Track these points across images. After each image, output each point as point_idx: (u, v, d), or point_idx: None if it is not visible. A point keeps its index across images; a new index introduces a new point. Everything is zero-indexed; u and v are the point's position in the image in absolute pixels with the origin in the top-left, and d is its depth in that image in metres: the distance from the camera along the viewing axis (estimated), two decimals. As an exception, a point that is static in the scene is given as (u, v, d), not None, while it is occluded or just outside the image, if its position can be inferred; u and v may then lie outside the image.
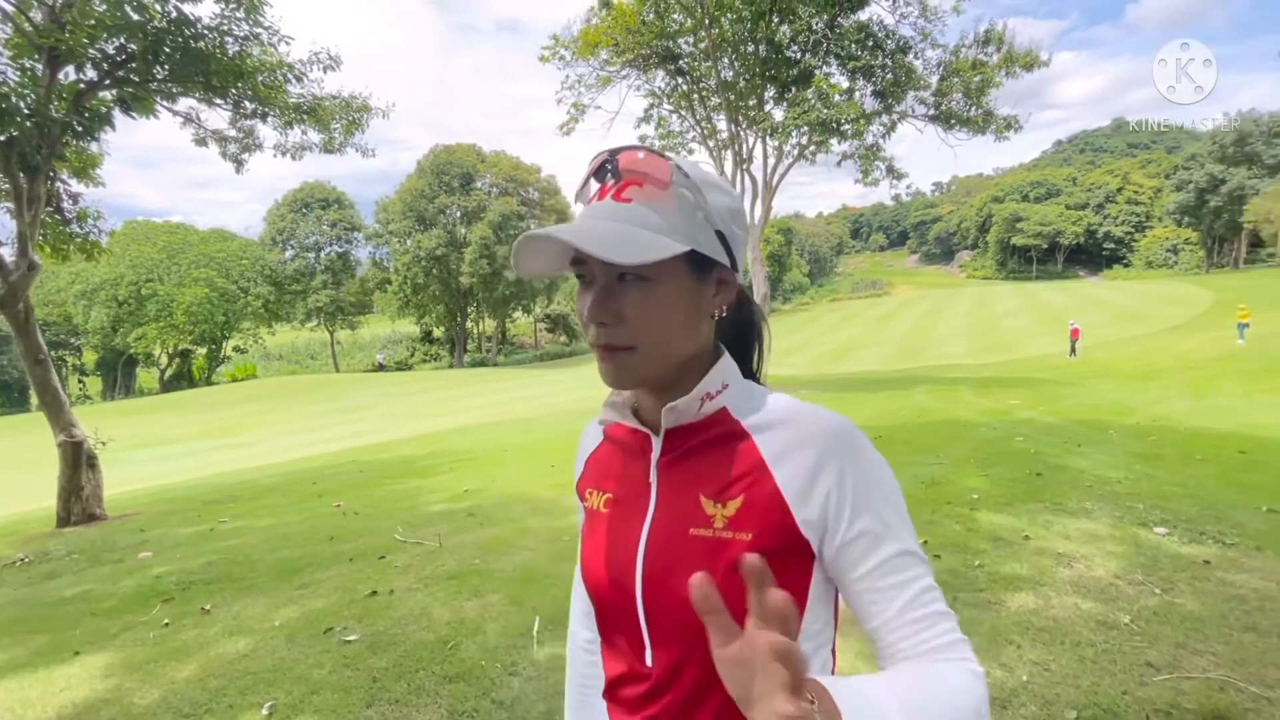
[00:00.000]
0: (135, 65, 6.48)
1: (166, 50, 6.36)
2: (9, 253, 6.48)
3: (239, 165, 8.70)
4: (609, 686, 0.75)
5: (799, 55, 15.60)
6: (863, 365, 26.68)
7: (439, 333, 49.10)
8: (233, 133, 8.38)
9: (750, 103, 16.92)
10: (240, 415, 22.85)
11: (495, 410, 17.13)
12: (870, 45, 15.47)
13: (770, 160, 17.79)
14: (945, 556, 3.69)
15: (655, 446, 0.72)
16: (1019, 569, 3.48)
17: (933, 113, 16.55)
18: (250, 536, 5.33)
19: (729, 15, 15.32)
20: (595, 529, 0.76)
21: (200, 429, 20.47)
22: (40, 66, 6.24)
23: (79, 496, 6.54)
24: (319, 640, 3.14)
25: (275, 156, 8.65)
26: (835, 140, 16.34)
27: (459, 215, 43.99)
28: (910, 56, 15.88)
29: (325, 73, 7.77)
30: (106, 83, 6.73)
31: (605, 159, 0.67)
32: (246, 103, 7.61)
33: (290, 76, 7.55)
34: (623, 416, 0.75)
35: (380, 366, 45.01)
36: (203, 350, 43.73)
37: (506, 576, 3.85)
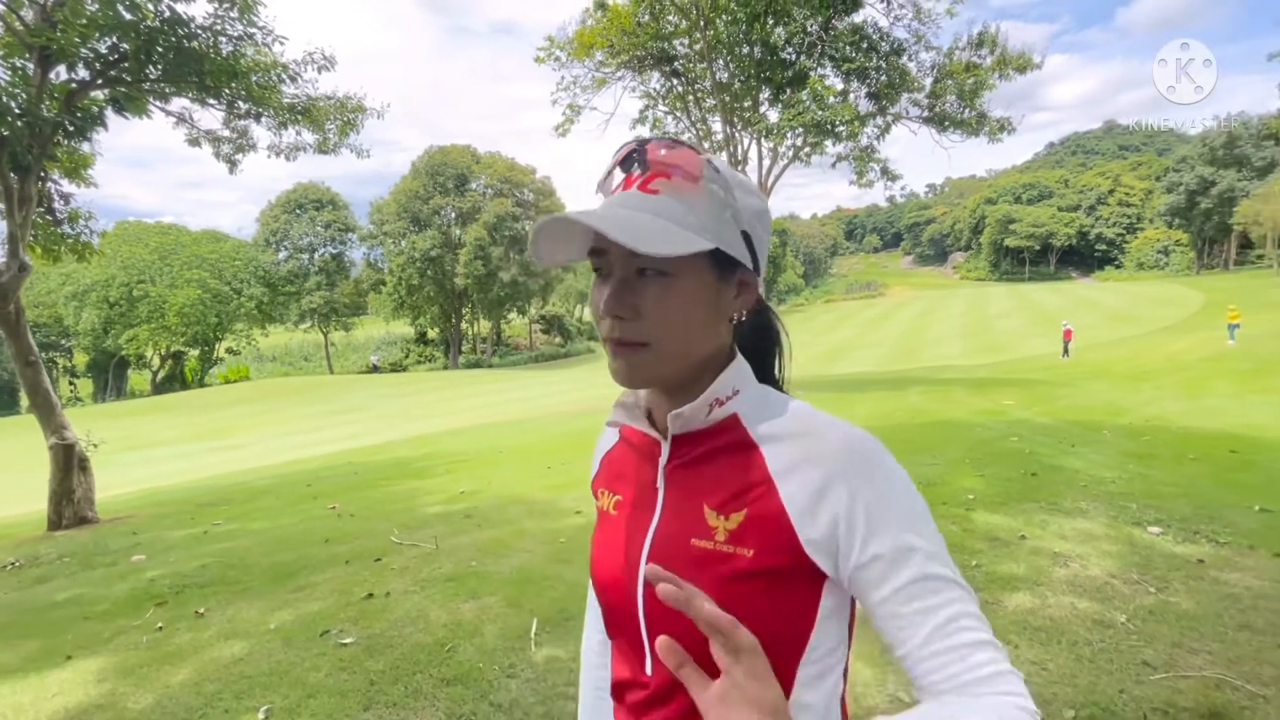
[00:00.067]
0: (128, 65, 6.44)
1: (159, 50, 6.32)
2: (-1, 254, 6.44)
3: (232, 166, 8.67)
4: (615, 688, 0.74)
5: (794, 57, 15.66)
6: (857, 366, 26.74)
7: (433, 334, 48.97)
8: (226, 133, 8.35)
9: (745, 104, 16.96)
10: (233, 417, 22.71)
11: (491, 412, 17.08)
12: (864, 47, 15.55)
13: (765, 162, 17.84)
14: (942, 557, 3.70)
15: (663, 451, 0.70)
16: (1015, 569, 3.49)
17: (926, 115, 16.63)
18: (244, 539, 5.29)
19: (724, 17, 15.35)
20: (604, 530, 0.75)
21: (193, 431, 20.33)
22: (32, 66, 6.20)
23: (70, 499, 6.48)
24: (315, 643, 3.12)
25: (269, 157, 8.64)
26: (830, 142, 16.43)
27: (454, 216, 43.93)
28: (904, 59, 15.97)
29: (319, 73, 7.74)
30: (99, 82, 6.68)
31: (633, 148, 0.65)
32: (240, 103, 7.58)
33: (284, 77, 7.52)
34: (632, 418, 0.72)
35: (374, 368, 44.84)
36: (195, 352, 43.43)
37: (504, 578, 3.83)
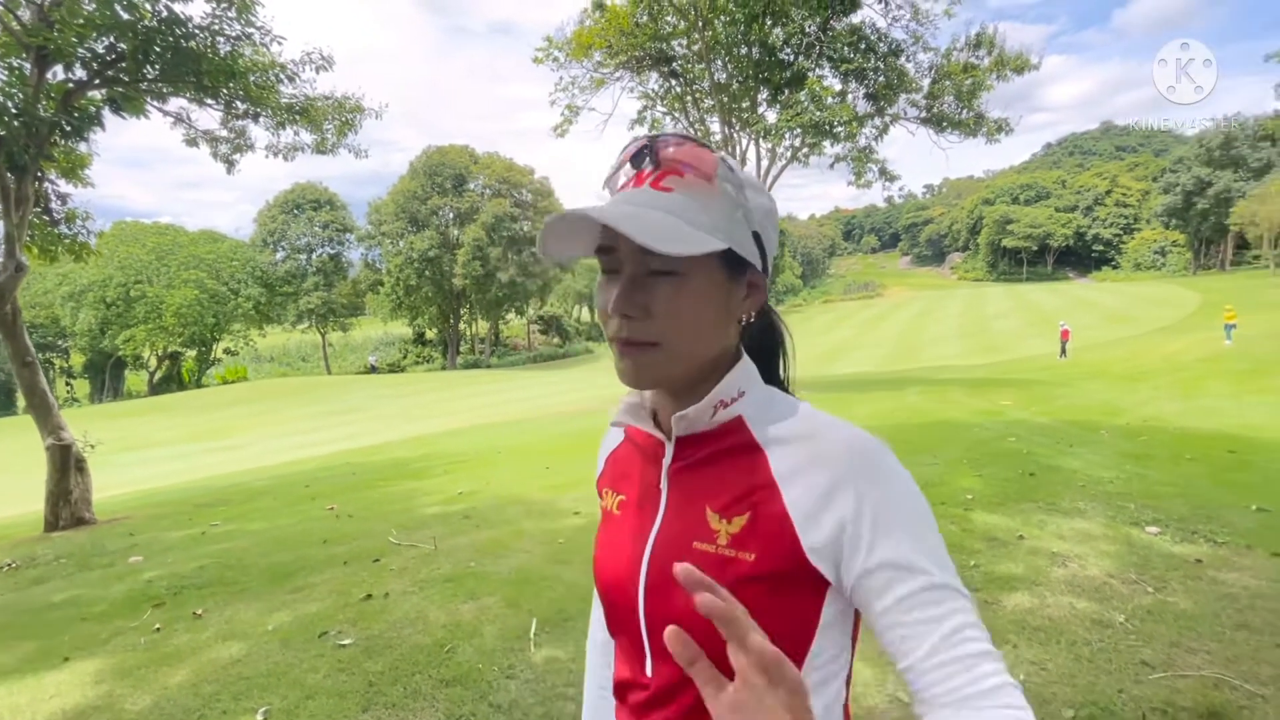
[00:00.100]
0: (125, 65, 6.42)
1: (157, 50, 6.31)
2: (-4, 254, 6.41)
3: (230, 166, 8.65)
4: (617, 688, 0.74)
5: (792, 58, 15.66)
6: (855, 367, 26.77)
7: (431, 334, 48.91)
8: (224, 133, 8.33)
9: (743, 105, 16.97)
10: (231, 418, 22.65)
11: (489, 412, 17.06)
12: (862, 48, 15.56)
13: (763, 162, 17.84)
14: (941, 557, 3.71)
15: (667, 452, 0.69)
16: (1014, 569, 3.50)
17: (924, 115, 16.66)
18: (242, 540, 5.28)
19: (722, 18, 15.36)
20: (607, 530, 0.75)
21: (190, 432, 20.28)
22: (28, 65, 6.18)
23: (67, 500, 6.46)
24: (313, 644, 3.12)
25: (267, 157, 8.62)
26: (828, 142, 16.46)
27: (452, 216, 43.87)
28: (902, 59, 15.99)
29: (318, 73, 7.74)
30: (96, 82, 6.67)
31: (644, 144, 0.64)
32: (238, 103, 7.56)
33: (282, 77, 7.51)
34: (637, 419, 0.71)
35: (372, 368, 44.77)
36: (192, 352, 43.31)
37: (503, 579, 3.83)
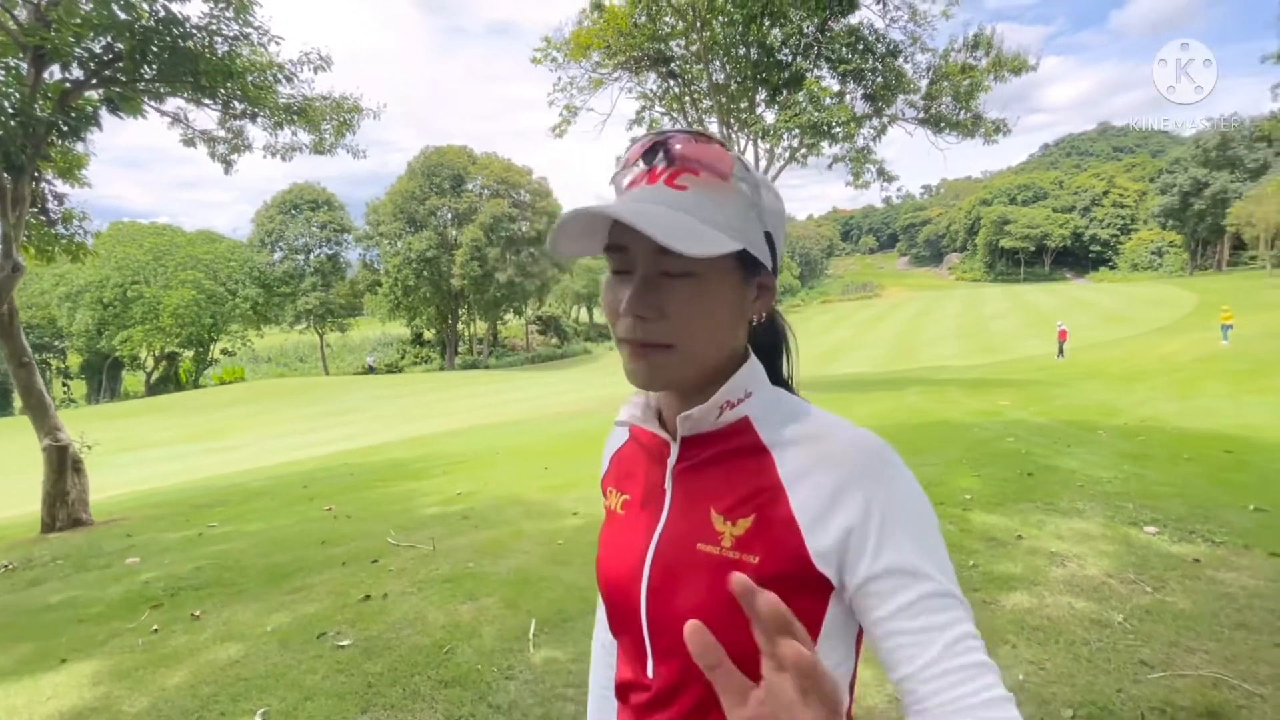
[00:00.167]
0: (122, 64, 6.40)
1: (154, 49, 6.29)
2: (-7, 255, 6.38)
3: (228, 166, 8.63)
4: (618, 689, 0.74)
5: (790, 58, 15.68)
6: (854, 367, 26.79)
7: (429, 335, 48.87)
8: (222, 133, 8.31)
9: (742, 105, 16.98)
10: (228, 418, 22.60)
11: (487, 413, 17.04)
12: (861, 49, 15.59)
13: (762, 163, 17.83)
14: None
15: (672, 452, 0.69)
16: (1013, 569, 3.50)
17: (922, 116, 16.68)
18: (240, 541, 5.26)
19: (720, 18, 15.37)
20: (611, 530, 0.75)
21: (187, 432, 20.22)
22: (25, 65, 6.16)
23: (64, 501, 6.44)
24: (312, 645, 3.11)
25: (265, 157, 8.59)
26: (826, 143, 16.47)
27: (450, 217, 43.84)
28: (900, 60, 16.01)
29: (315, 73, 7.73)
30: (93, 82, 6.64)
31: (657, 140, 0.62)
32: (236, 103, 7.55)
33: (280, 77, 7.49)
34: (642, 419, 0.71)
35: (370, 369, 44.72)
36: (190, 353, 43.24)
37: (501, 579, 3.82)
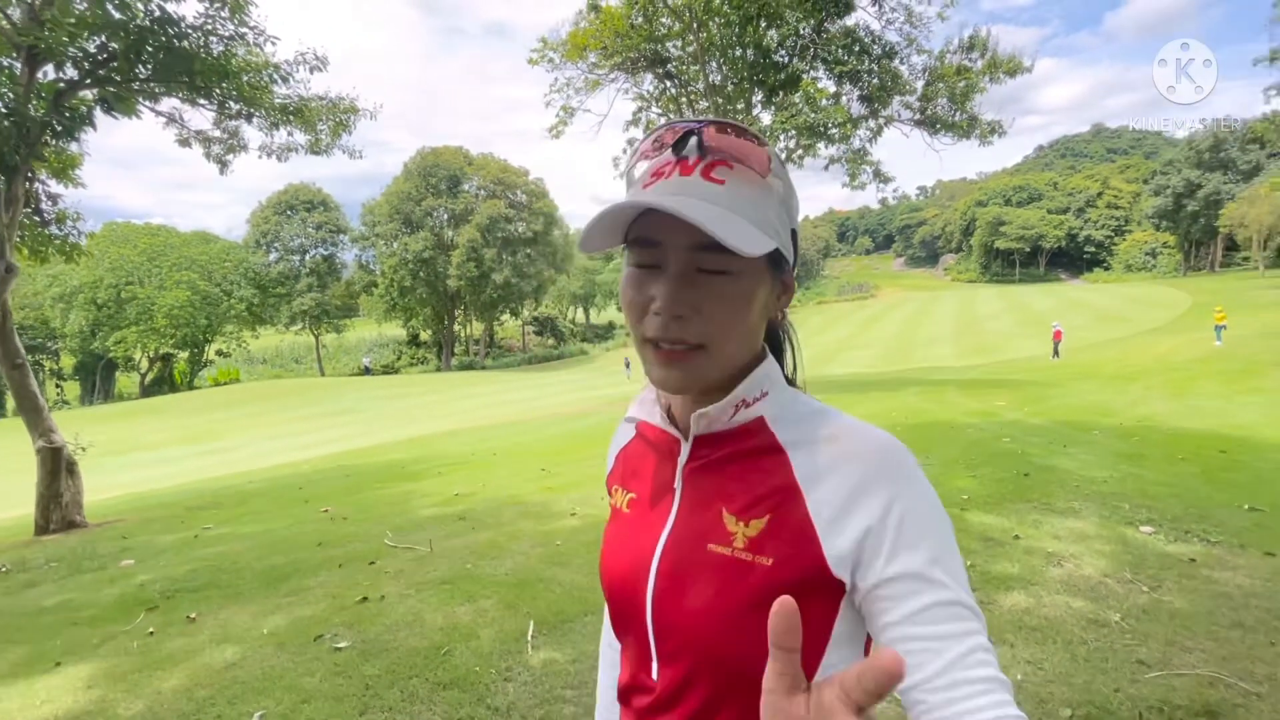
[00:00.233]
0: (117, 64, 6.38)
1: (149, 49, 6.27)
2: (-14, 255, 6.34)
3: (223, 167, 8.60)
4: (621, 692, 0.72)
5: (786, 59, 15.71)
6: (850, 368, 26.85)
7: (426, 336, 48.82)
8: (217, 133, 8.29)
9: (738, 106, 17.00)
10: (223, 420, 22.52)
11: (484, 414, 17.03)
12: (857, 50, 15.62)
13: (759, 163, 17.87)
14: (937, 557, 3.71)
15: (683, 451, 0.67)
16: (1010, 569, 3.51)
17: (918, 117, 16.72)
18: (236, 543, 5.24)
19: (717, 19, 15.39)
20: (616, 528, 0.74)
21: (182, 434, 20.14)
22: (19, 65, 6.13)
23: (58, 503, 6.40)
24: (309, 648, 3.09)
25: (260, 158, 8.57)
26: (822, 144, 16.53)
27: (446, 218, 43.82)
28: (896, 62, 16.05)
29: (311, 74, 7.72)
30: (87, 82, 6.62)
31: (690, 129, 0.60)
32: (231, 103, 7.53)
33: (276, 77, 7.48)
34: (653, 416, 0.70)
35: (366, 370, 44.61)
36: (184, 354, 43.11)
37: (499, 581, 3.81)
